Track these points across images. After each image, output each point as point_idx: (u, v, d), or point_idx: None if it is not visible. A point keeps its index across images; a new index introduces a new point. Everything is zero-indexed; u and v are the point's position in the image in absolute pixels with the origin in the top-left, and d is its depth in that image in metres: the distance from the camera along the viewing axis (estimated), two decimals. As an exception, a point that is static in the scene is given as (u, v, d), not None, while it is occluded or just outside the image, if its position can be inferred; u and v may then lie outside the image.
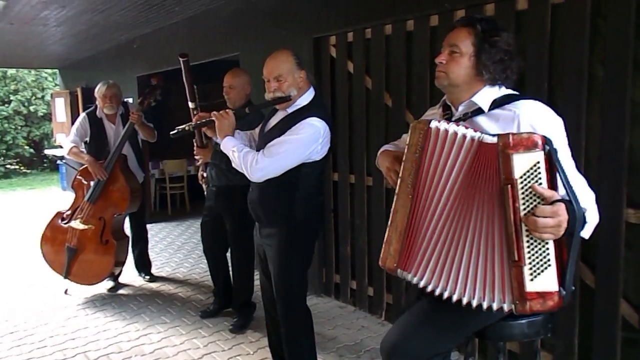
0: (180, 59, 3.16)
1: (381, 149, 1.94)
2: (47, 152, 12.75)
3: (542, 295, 1.43)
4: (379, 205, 3.54)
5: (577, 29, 2.39)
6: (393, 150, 1.87)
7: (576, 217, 1.41)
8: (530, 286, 1.43)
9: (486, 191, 1.50)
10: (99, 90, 4.20)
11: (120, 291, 4.38)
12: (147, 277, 4.64)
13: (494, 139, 1.47)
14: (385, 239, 1.72)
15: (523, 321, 1.72)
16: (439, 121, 1.61)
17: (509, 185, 1.43)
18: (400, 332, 1.69)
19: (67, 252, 4.07)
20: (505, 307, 1.49)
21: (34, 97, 14.99)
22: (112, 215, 4.07)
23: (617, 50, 2.27)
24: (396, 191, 1.70)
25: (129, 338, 3.46)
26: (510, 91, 1.68)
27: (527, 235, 1.43)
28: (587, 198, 1.54)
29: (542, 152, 1.41)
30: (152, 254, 4.89)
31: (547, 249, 1.42)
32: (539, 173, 1.42)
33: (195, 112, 3.09)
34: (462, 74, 1.64)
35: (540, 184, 1.41)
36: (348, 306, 3.91)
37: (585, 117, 2.40)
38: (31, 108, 14.86)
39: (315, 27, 3.90)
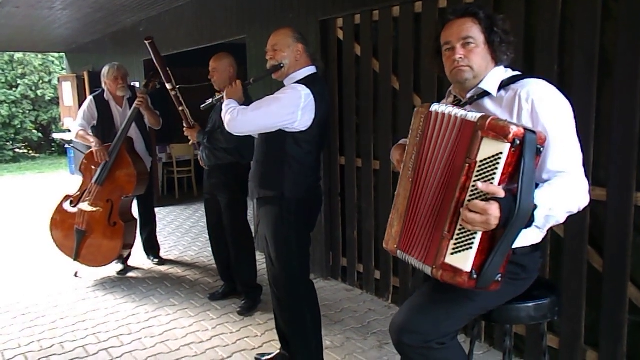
0: (146, 42, 3.25)
1: (397, 144, 1.98)
2: (55, 136, 12.81)
3: (454, 270, 1.51)
4: (386, 189, 3.53)
5: (589, 11, 2.35)
6: (404, 143, 1.92)
7: (513, 217, 1.42)
8: (448, 259, 1.52)
9: (456, 164, 1.55)
10: (108, 73, 4.20)
11: (130, 274, 4.43)
12: (156, 260, 4.68)
13: (475, 118, 1.51)
14: (388, 222, 1.77)
15: (530, 304, 1.73)
16: (439, 104, 1.65)
17: (467, 165, 1.49)
18: (409, 311, 1.71)
19: (76, 234, 4.11)
20: (426, 269, 1.59)
21: (41, 81, 15.02)
22: (119, 197, 4.10)
23: (630, 32, 2.23)
24: (400, 175, 1.74)
25: (139, 320, 3.51)
26: (517, 72, 1.70)
27: None
28: (564, 196, 1.51)
29: (509, 145, 1.41)
30: (160, 238, 4.92)
31: (474, 234, 1.48)
32: (498, 163, 1.43)
33: (174, 93, 3.18)
34: (483, 64, 1.66)
35: (494, 175, 1.43)
36: (355, 289, 3.93)
37: (595, 100, 2.37)
38: (38, 92, 14.89)
39: (322, 10, 3.86)
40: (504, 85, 1.65)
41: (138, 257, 4.67)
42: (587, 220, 2.45)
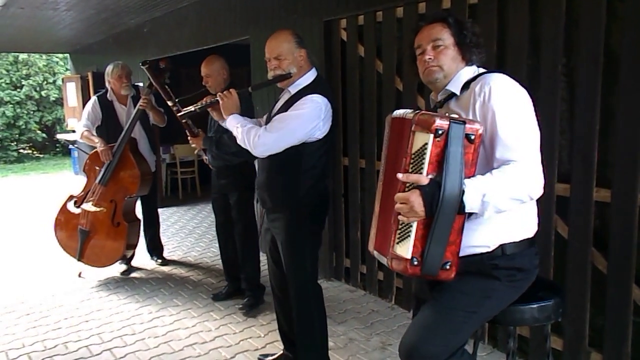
0: (143, 67, 3.39)
1: None
2: (59, 136, 12.83)
3: (399, 258, 1.58)
4: (390, 190, 3.53)
5: (593, 10, 2.34)
6: None
7: (439, 202, 1.47)
8: (395, 248, 1.61)
9: (401, 160, 1.62)
10: (112, 72, 4.20)
11: (133, 274, 4.43)
12: (159, 260, 4.69)
13: (411, 115, 1.61)
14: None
15: (534, 306, 1.73)
16: (400, 110, 1.75)
17: (404, 159, 1.59)
18: (416, 334, 1.69)
19: (79, 234, 4.12)
20: (384, 261, 1.68)
21: (45, 82, 15.07)
22: (123, 197, 4.11)
23: (635, 32, 2.22)
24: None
25: (142, 320, 3.51)
26: (483, 70, 1.76)
27: None
28: (504, 182, 1.51)
29: (432, 135, 1.49)
30: (163, 238, 4.92)
31: (411, 223, 1.55)
32: (425, 154, 1.51)
33: (175, 109, 3.24)
34: (453, 64, 1.74)
35: (423, 164, 1.52)
36: (358, 290, 3.93)
37: (599, 100, 2.36)
38: (43, 93, 14.94)
39: (325, 10, 3.86)
40: (467, 84, 1.71)
41: (141, 257, 4.68)
42: (591, 222, 2.44)
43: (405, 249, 1.55)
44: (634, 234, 2.30)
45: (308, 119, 2.30)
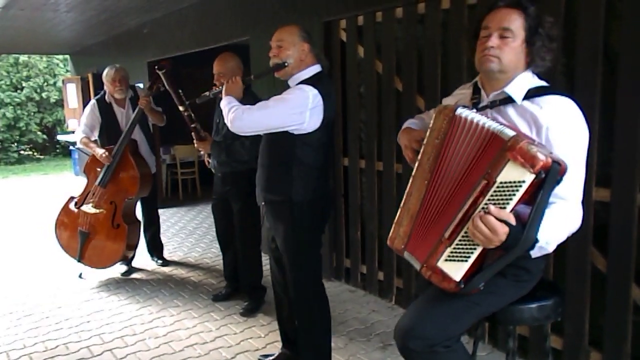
0: (159, 72, 3.35)
1: (404, 125, 1.96)
2: (59, 138, 12.86)
3: (444, 275, 1.56)
4: (389, 190, 3.53)
5: (592, 9, 2.35)
6: (414, 129, 1.91)
7: (515, 245, 1.44)
8: (441, 263, 1.56)
9: (473, 175, 1.54)
10: (107, 75, 4.21)
11: (134, 275, 4.44)
12: (160, 261, 4.69)
13: (507, 136, 1.46)
14: (395, 220, 1.76)
15: (533, 305, 1.73)
16: (465, 108, 1.62)
17: (486, 182, 1.47)
18: (414, 316, 1.69)
19: (79, 236, 4.13)
20: (416, 265, 1.65)
21: (46, 84, 15.09)
22: (123, 199, 4.11)
23: (634, 31, 2.22)
24: (413, 173, 1.73)
25: (143, 321, 3.52)
26: (543, 82, 1.65)
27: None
28: (561, 229, 1.54)
29: (533, 176, 1.39)
30: (164, 239, 4.93)
31: (474, 248, 1.51)
32: (517, 190, 1.42)
33: (186, 114, 3.22)
34: (514, 60, 1.59)
35: (510, 199, 1.43)
36: (358, 290, 3.93)
37: (599, 99, 2.37)
38: (43, 94, 14.96)
39: (325, 11, 3.87)
40: (530, 95, 1.60)
41: (142, 258, 4.68)
42: (590, 221, 2.44)
43: (455, 270, 1.53)
44: (634, 233, 2.30)
45: (292, 106, 2.27)
